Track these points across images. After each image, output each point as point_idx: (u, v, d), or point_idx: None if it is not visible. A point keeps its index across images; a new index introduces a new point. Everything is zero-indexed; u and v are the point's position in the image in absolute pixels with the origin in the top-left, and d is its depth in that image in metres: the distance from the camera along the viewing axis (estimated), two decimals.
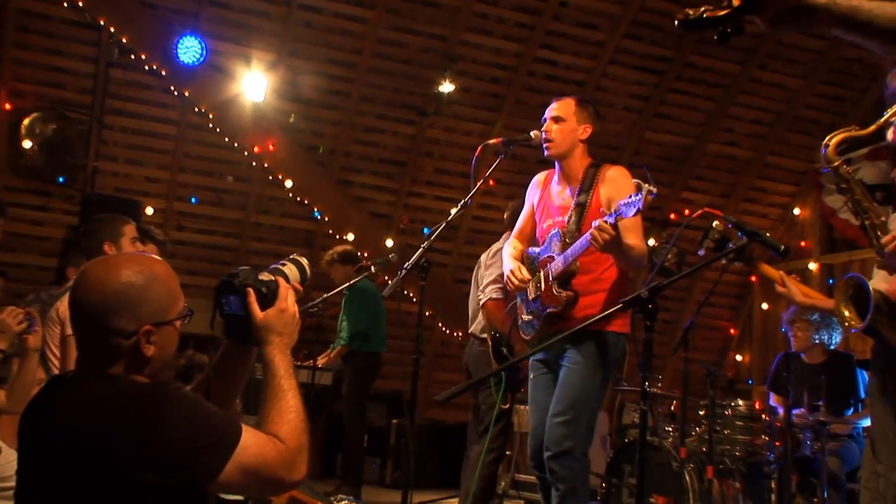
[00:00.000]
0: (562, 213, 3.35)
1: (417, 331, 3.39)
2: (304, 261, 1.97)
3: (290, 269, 1.92)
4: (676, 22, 1.49)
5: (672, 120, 8.20)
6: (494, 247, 5.10)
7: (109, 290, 1.67)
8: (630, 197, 2.75)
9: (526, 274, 3.33)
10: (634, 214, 2.75)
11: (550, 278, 3.23)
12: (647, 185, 2.69)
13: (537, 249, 3.43)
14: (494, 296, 4.71)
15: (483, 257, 5.12)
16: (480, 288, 4.85)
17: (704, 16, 1.43)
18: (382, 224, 8.00)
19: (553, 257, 3.25)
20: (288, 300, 1.83)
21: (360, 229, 7.83)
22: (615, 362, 3.32)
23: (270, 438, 1.68)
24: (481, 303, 4.77)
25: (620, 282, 3.34)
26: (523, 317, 3.42)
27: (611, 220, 2.85)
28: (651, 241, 7.93)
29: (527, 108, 7.76)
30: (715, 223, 2.96)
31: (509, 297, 4.29)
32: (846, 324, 2.74)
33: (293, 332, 1.83)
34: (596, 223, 2.92)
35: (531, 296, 3.37)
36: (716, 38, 1.44)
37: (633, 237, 3.17)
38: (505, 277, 3.41)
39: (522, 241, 3.60)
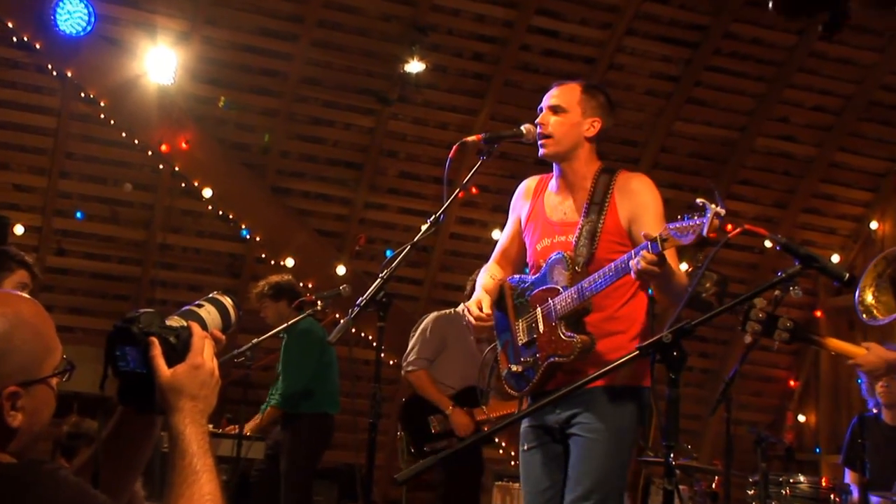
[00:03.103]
0: (564, 232, 3.38)
1: (374, 386, 3.40)
2: (228, 301, 1.98)
3: (209, 312, 1.93)
4: (772, 4, 1.53)
5: (709, 107, 8.31)
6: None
7: None
8: (686, 219, 2.81)
9: (487, 308, 3.37)
10: (692, 242, 2.80)
11: (555, 317, 3.25)
12: (713, 206, 2.74)
13: (529, 277, 3.45)
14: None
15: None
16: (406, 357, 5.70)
17: None
18: (332, 245, 8.00)
19: (558, 290, 3.27)
20: (204, 353, 1.83)
21: (303, 252, 7.83)
22: (640, 425, 3.40)
23: None
24: (406, 372, 5.66)
25: (642, 320, 3.39)
26: (510, 367, 3.43)
27: (655, 248, 2.92)
28: (684, 266, 8.00)
29: (519, 94, 7.83)
30: (757, 301, 3.00)
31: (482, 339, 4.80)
32: (870, 313, 2.76)
33: (211, 396, 1.83)
34: (637, 251, 2.98)
35: (521, 339, 3.38)
36: (822, 28, 1.48)
37: (675, 263, 3.24)
38: (464, 311, 3.43)
39: (506, 267, 3.63)
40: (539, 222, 3.51)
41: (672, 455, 2.21)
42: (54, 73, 7.12)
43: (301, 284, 7.09)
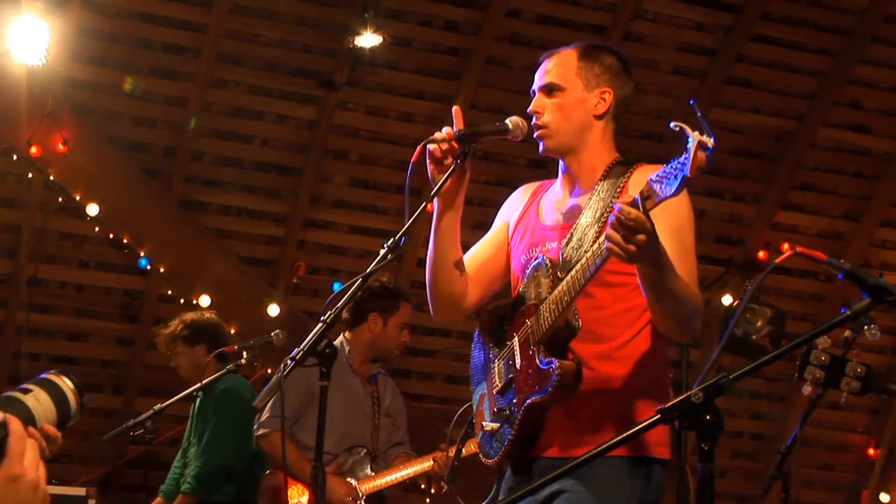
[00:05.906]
0: (557, 238, 3.32)
1: (316, 465, 3.40)
2: (67, 384, 1.91)
3: (38, 400, 1.88)
4: None
5: (757, 89, 8.38)
6: None
7: None
8: (671, 162, 2.69)
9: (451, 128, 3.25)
10: (677, 190, 2.70)
11: (532, 342, 3.22)
12: (696, 133, 2.67)
13: (508, 302, 3.42)
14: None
15: None
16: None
17: None
18: (261, 277, 8.00)
19: (535, 306, 3.25)
20: (25, 459, 1.82)
21: (222, 288, 7.82)
22: None
23: None
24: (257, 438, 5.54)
25: (656, 357, 3.33)
26: (485, 424, 3.40)
27: (636, 203, 2.75)
28: (727, 299, 8.03)
29: (505, 74, 7.87)
30: (820, 341, 2.98)
31: None
32: None
33: None
34: (615, 211, 2.82)
35: (497, 384, 3.37)
36: None
37: (681, 265, 3.18)
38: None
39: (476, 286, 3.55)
40: (528, 228, 3.47)
41: None
42: None
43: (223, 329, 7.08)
